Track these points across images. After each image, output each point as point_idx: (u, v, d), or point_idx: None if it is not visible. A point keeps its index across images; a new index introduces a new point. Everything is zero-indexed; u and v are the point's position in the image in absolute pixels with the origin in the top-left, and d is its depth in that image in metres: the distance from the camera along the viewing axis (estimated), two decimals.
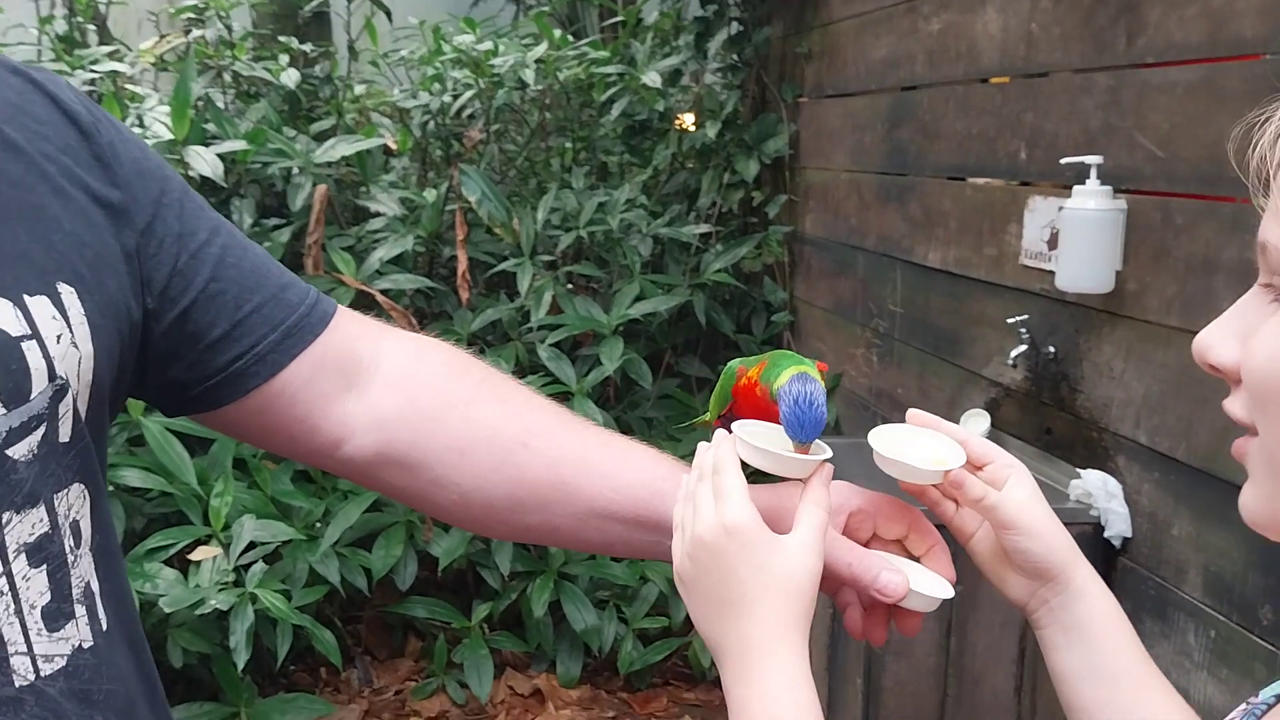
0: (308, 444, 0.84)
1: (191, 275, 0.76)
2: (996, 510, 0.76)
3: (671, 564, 0.75)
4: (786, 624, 0.68)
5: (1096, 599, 0.77)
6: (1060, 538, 0.77)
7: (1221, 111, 1.64)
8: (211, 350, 0.78)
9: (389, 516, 2.80)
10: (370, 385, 0.85)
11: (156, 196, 0.75)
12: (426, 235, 3.25)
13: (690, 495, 0.75)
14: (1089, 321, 1.98)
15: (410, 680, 2.93)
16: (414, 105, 3.59)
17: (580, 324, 2.99)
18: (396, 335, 0.89)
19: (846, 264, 3.06)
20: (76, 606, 0.67)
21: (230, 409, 0.80)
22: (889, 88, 2.81)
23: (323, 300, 0.84)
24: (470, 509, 0.85)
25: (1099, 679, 0.75)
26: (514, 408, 0.86)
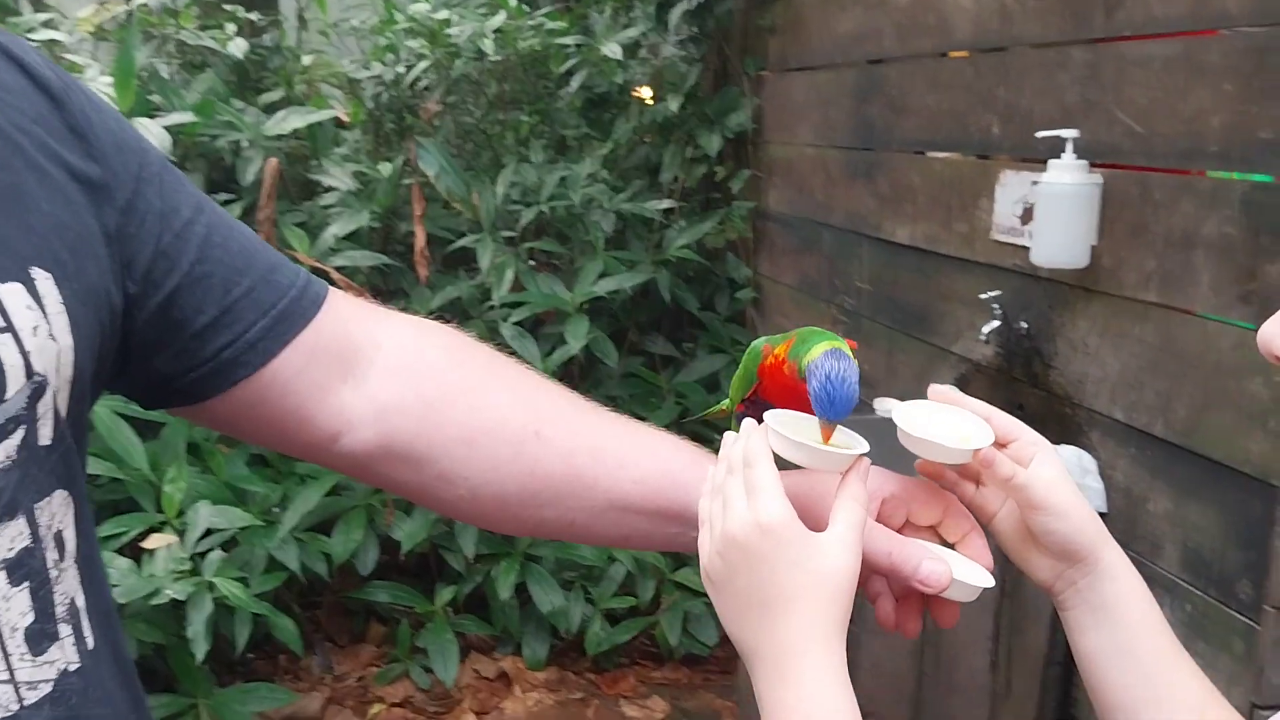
0: (302, 437, 0.78)
1: (176, 257, 0.69)
2: (1026, 490, 0.73)
3: (694, 556, 0.71)
4: (824, 626, 0.65)
5: (1125, 580, 0.75)
6: (1089, 517, 0.74)
7: (1201, 86, 1.62)
8: (198, 338, 0.71)
9: (348, 500, 2.73)
10: (369, 373, 0.79)
11: (136, 171, 0.68)
12: (382, 210, 3.16)
13: (719, 489, 0.71)
14: (1063, 297, 1.97)
15: (373, 666, 2.88)
16: (366, 76, 3.49)
17: (544, 301, 2.94)
18: (394, 318, 0.83)
19: (812, 240, 3.04)
20: (61, 626, 0.61)
21: (218, 401, 0.74)
22: (855, 61, 2.78)
23: (314, 282, 0.78)
24: (480, 504, 0.80)
25: (1127, 662, 0.73)
26: (524, 394, 0.81)
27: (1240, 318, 1.56)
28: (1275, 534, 1.48)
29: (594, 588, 2.86)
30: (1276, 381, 1.49)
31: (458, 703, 2.74)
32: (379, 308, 0.83)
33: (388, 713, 2.70)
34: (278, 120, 2.93)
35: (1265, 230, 1.51)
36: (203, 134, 2.88)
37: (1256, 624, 1.53)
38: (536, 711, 2.72)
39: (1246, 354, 1.55)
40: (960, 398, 0.77)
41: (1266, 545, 1.51)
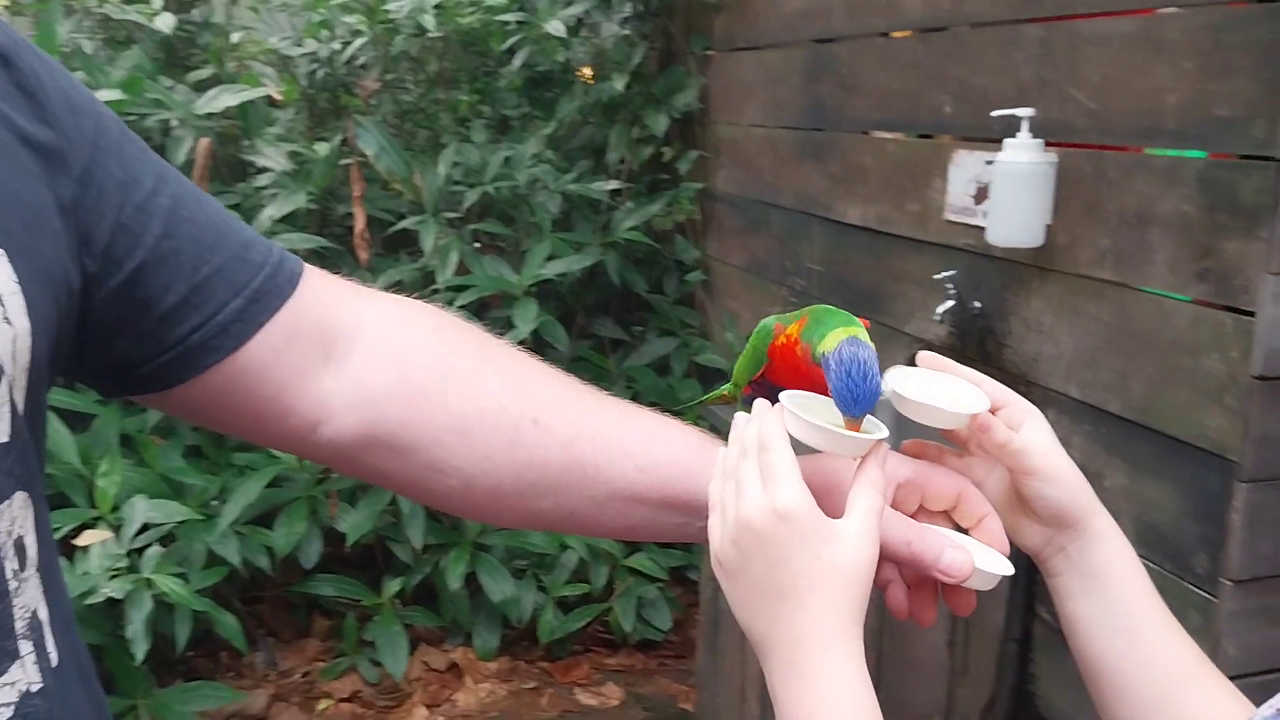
0: (279, 426, 0.72)
1: (139, 231, 0.63)
2: (1020, 455, 0.72)
3: (702, 545, 0.68)
4: (843, 618, 0.62)
5: (1115, 545, 0.74)
6: (1080, 483, 0.74)
7: (1158, 63, 1.62)
8: (165, 320, 0.65)
9: (290, 492, 2.66)
10: (350, 356, 0.73)
11: (93, 137, 0.62)
12: (319, 191, 3.07)
13: (731, 473, 0.68)
14: (1017, 276, 1.97)
15: (318, 661, 2.81)
16: (300, 53, 3.38)
17: (490, 285, 2.88)
18: (375, 297, 0.77)
19: (762, 221, 3.01)
20: (21, 643, 0.56)
21: (187, 388, 0.68)
22: (804, 40, 2.76)
23: (288, 258, 0.72)
24: (473, 495, 0.75)
25: (1116, 626, 0.73)
26: (520, 379, 0.76)
27: (1197, 295, 1.57)
28: (1232, 508, 1.50)
29: (546, 575, 2.82)
30: (1233, 358, 1.50)
31: (408, 696, 2.69)
32: (359, 286, 0.77)
33: (336, 708, 2.63)
34: (209, 99, 2.82)
35: (1221, 208, 1.51)
36: (130, 113, 2.76)
37: (1214, 597, 1.54)
38: (489, 702, 2.67)
39: (1203, 331, 1.56)
40: (952, 365, 0.76)
41: (1223, 519, 1.52)
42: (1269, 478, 1.47)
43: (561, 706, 2.69)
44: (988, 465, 0.77)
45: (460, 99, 3.65)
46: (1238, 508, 1.48)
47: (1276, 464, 1.47)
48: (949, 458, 0.78)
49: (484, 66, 3.62)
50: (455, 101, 3.64)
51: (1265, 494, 1.48)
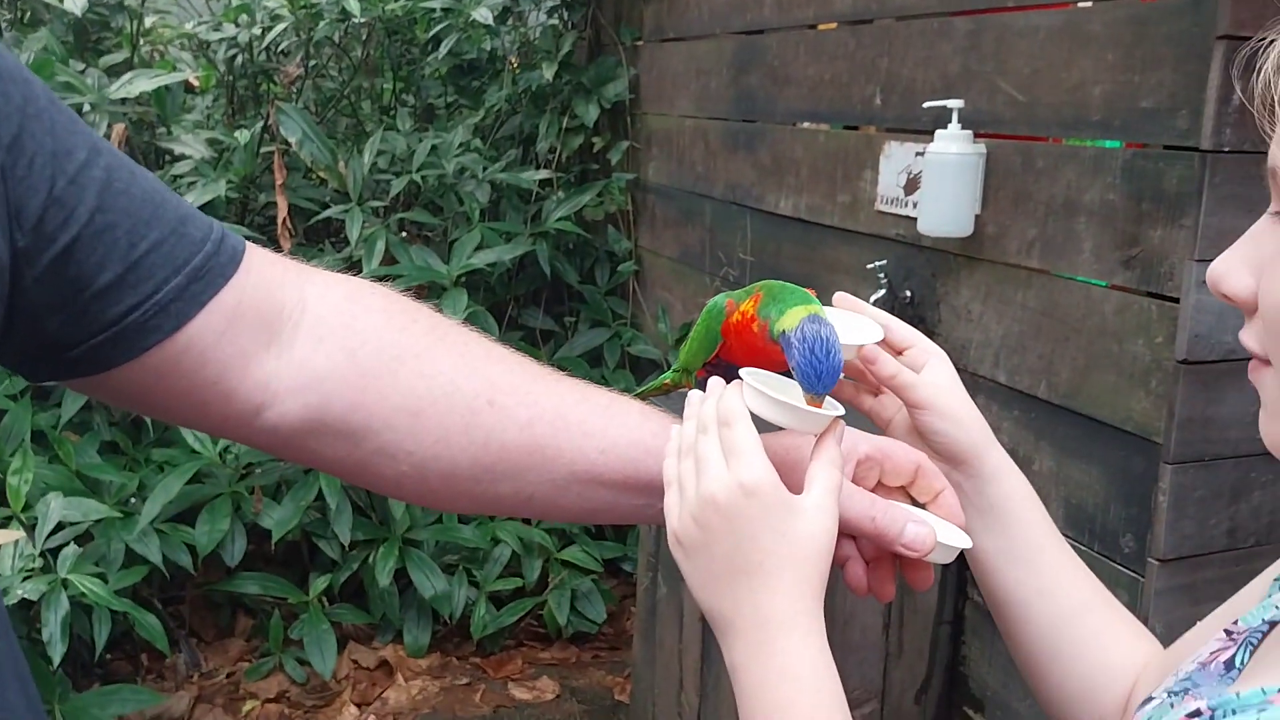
0: (221, 411, 0.69)
1: (72, 205, 0.59)
2: (911, 390, 0.76)
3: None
4: (806, 596, 0.62)
5: (1011, 481, 0.77)
6: (974, 421, 0.77)
7: (1084, 56, 1.66)
8: (100, 300, 0.61)
9: (213, 488, 2.58)
10: (295, 338, 0.70)
11: (20, 104, 0.58)
12: (239, 180, 2.99)
13: (689, 449, 0.67)
14: (946, 265, 2.00)
15: (243, 661, 2.74)
16: (218, 38, 3.29)
17: (419, 275, 2.83)
18: (321, 277, 0.74)
19: (693, 212, 3.02)
20: None
21: (123, 371, 0.64)
22: (734, 31, 2.76)
23: (230, 235, 0.68)
24: (426, 481, 0.72)
25: (1016, 559, 0.76)
26: (474, 360, 0.73)
27: (1123, 282, 1.61)
28: (1158, 489, 1.54)
29: (478, 570, 2.79)
30: (1158, 343, 1.54)
31: (337, 695, 2.64)
32: (303, 265, 0.74)
33: (262, 709, 2.57)
34: (123, 83, 2.72)
35: (1146, 197, 1.55)
36: None
37: (1140, 575, 1.59)
38: (421, 699, 2.64)
39: (1129, 317, 1.60)
40: (862, 305, 0.80)
41: (1150, 500, 1.56)
42: (1193, 459, 1.52)
43: (495, 702, 2.67)
44: (895, 405, 0.80)
45: (384, 87, 3.59)
46: (1164, 489, 1.52)
47: (1200, 446, 1.52)
48: (863, 396, 0.82)
49: (408, 54, 3.56)
50: (379, 89, 3.57)
51: (1189, 475, 1.52)
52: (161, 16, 3.46)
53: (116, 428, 2.64)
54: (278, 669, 2.67)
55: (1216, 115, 1.41)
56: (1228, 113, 1.41)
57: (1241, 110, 1.41)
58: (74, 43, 2.99)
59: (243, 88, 3.42)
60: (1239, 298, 0.58)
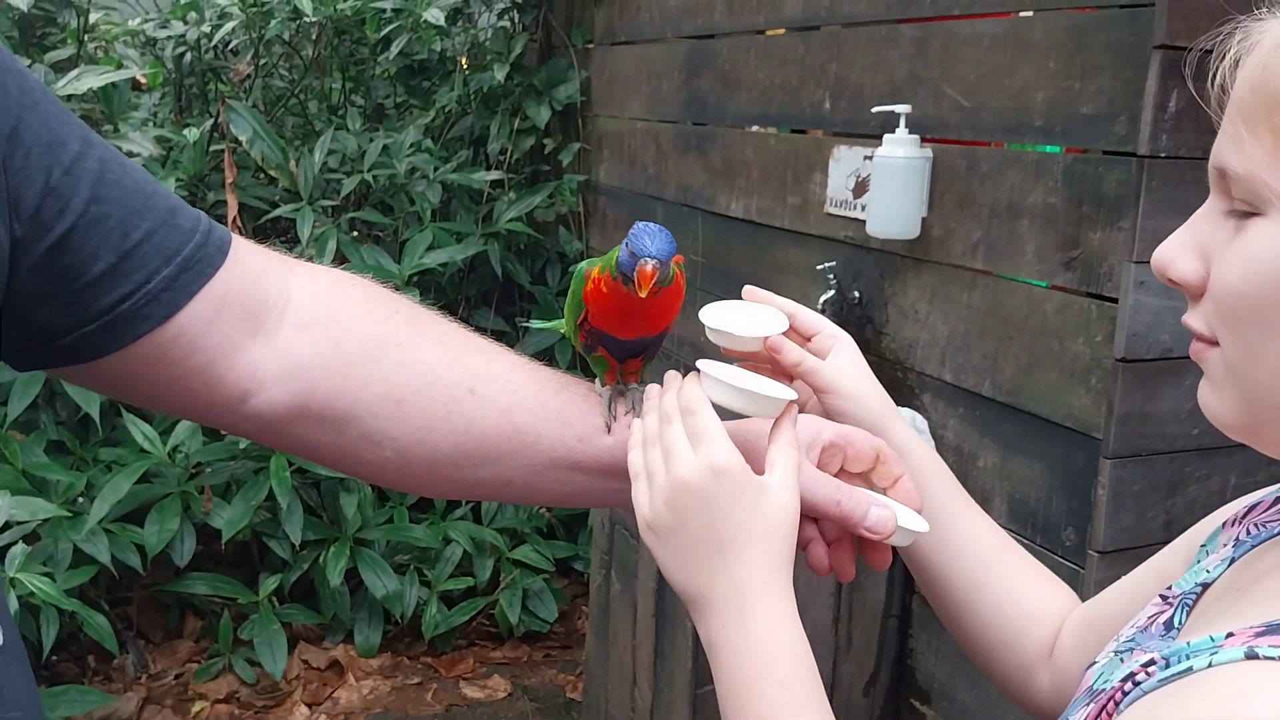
0: (206, 398, 0.70)
1: (68, 195, 0.61)
2: (814, 375, 0.80)
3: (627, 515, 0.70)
4: (776, 566, 0.66)
5: (914, 452, 0.82)
6: (877, 399, 0.82)
7: (1026, 63, 1.72)
8: (93, 289, 0.63)
9: (161, 488, 2.56)
10: (280, 327, 0.72)
11: (17, 95, 0.59)
12: (188, 178, 2.97)
13: (655, 439, 0.71)
14: (894, 266, 2.05)
15: (191, 662, 2.71)
16: (166, 35, 3.25)
17: (370, 274, 2.82)
18: (304, 268, 0.76)
19: (644, 214, 3.04)
20: None
21: (111, 360, 0.65)
22: (685, 35, 2.80)
23: (216, 227, 0.70)
24: (408, 466, 0.75)
25: (931, 523, 0.80)
26: (454, 349, 0.76)
27: (1064, 283, 1.67)
28: (1098, 484, 1.60)
29: (429, 570, 2.79)
30: (1097, 342, 1.60)
31: (288, 695, 2.62)
32: (286, 257, 0.76)
33: (211, 710, 2.55)
34: (70, 80, 2.68)
35: (1087, 200, 1.61)
36: None
37: (1081, 568, 1.64)
38: (372, 699, 2.63)
39: (1070, 317, 1.65)
40: (768, 295, 0.84)
41: (1090, 494, 1.62)
42: (1131, 454, 1.58)
43: (447, 700, 2.67)
44: (806, 390, 0.84)
45: (333, 86, 3.57)
46: (1103, 483, 1.58)
47: (1138, 441, 1.58)
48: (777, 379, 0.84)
49: (357, 54, 3.55)
50: (328, 89, 3.56)
51: (1128, 470, 1.58)
52: (107, 13, 3.41)
53: (64, 426, 2.60)
54: (227, 669, 2.65)
55: (1154, 121, 1.47)
56: (1164, 119, 1.47)
57: (1178, 116, 1.47)
58: (19, 38, 2.94)
59: (190, 86, 3.39)
60: (1187, 282, 0.61)
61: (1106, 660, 0.62)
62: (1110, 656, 0.62)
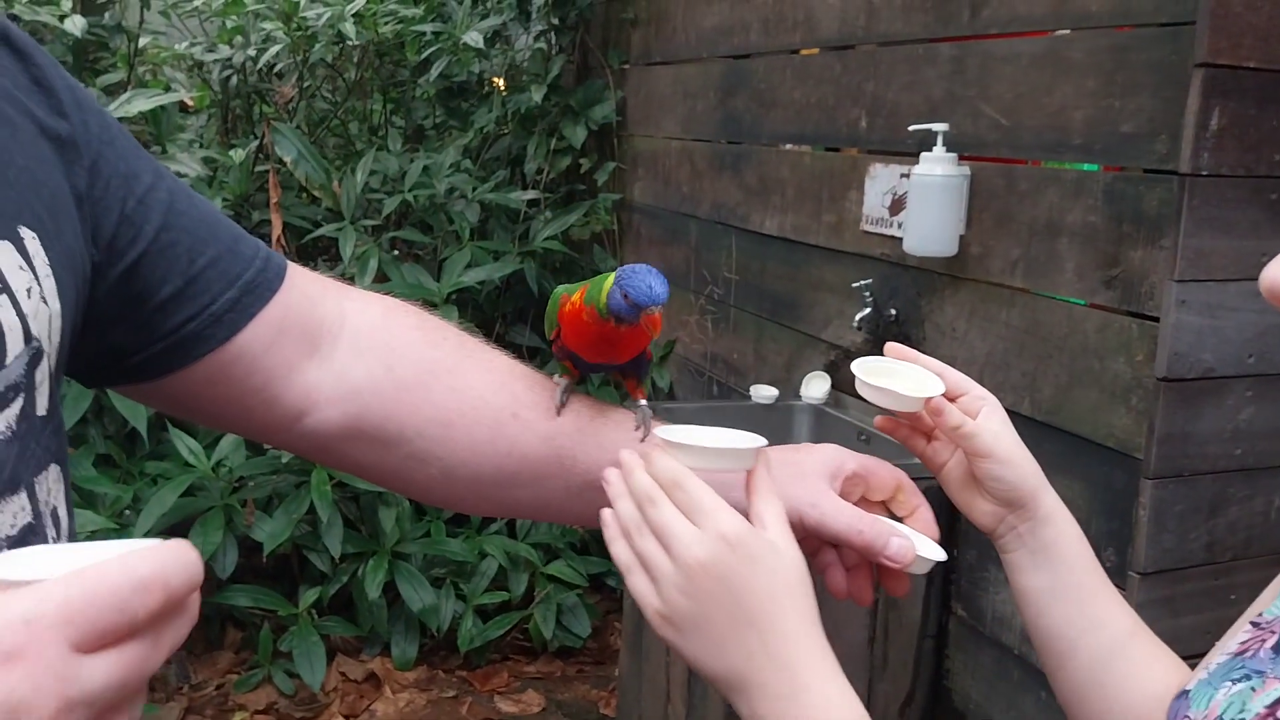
0: (264, 417, 0.74)
1: (140, 224, 0.65)
2: (974, 438, 0.78)
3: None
4: (812, 628, 0.64)
5: (1062, 523, 0.80)
6: (1030, 466, 0.80)
7: (1065, 82, 1.72)
8: (161, 311, 0.67)
9: (205, 501, 2.60)
10: (335, 350, 0.75)
11: (98, 131, 0.63)
12: (234, 198, 3.02)
13: (640, 526, 0.66)
14: (931, 284, 2.05)
15: (232, 673, 2.74)
16: (213, 59, 3.33)
17: (410, 292, 2.86)
18: (359, 295, 0.80)
19: (678, 232, 3.07)
20: None
21: (176, 378, 0.69)
22: (721, 55, 2.82)
23: (274, 254, 0.74)
24: (453, 485, 0.78)
25: (1066, 596, 0.79)
26: (499, 375, 0.79)
27: (1105, 302, 1.66)
28: (1139, 504, 1.59)
29: (465, 584, 2.81)
30: (1138, 361, 1.60)
31: (325, 707, 2.65)
32: (342, 283, 0.80)
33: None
34: (122, 103, 2.75)
35: (1128, 219, 1.61)
36: None
37: (1122, 588, 1.63)
38: (408, 712, 2.65)
39: (1110, 336, 1.65)
40: (915, 354, 0.82)
41: (1131, 514, 1.61)
42: (1173, 475, 1.57)
43: (481, 714, 2.68)
44: (949, 449, 0.82)
45: (373, 108, 3.63)
46: (1144, 504, 1.57)
47: (1179, 462, 1.57)
48: (917, 439, 0.83)
49: (398, 76, 3.61)
50: (369, 110, 3.62)
51: (1169, 490, 1.57)
52: (156, 37, 3.49)
53: (111, 440, 2.65)
54: (267, 681, 2.68)
55: (1195, 140, 1.47)
56: (1206, 137, 1.47)
57: (1219, 135, 1.47)
58: (73, 63, 3.02)
59: (236, 108, 3.46)
60: None
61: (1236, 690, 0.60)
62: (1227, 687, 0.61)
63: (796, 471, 0.78)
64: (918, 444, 0.83)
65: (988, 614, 1.94)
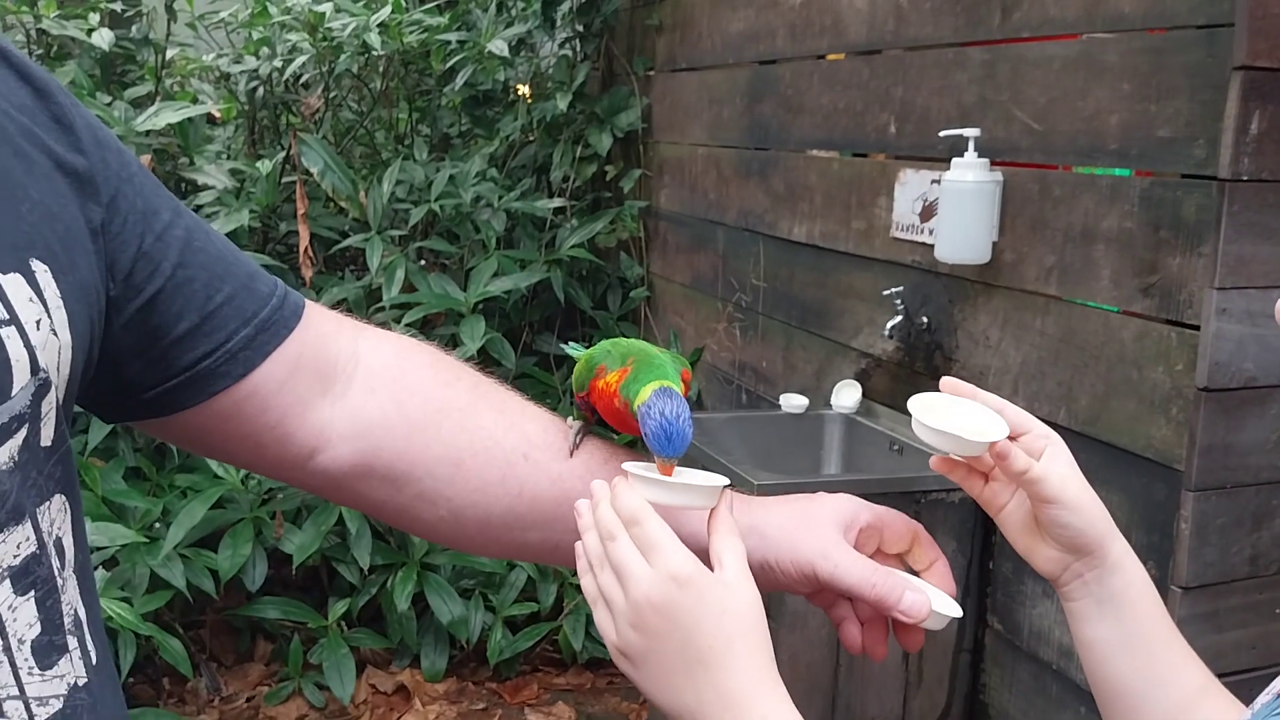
0: (277, 454, 0.73)
1: (158, 259, 0.65)
2: (1040, 484, 0.72)
3: None
4: (760, 663, 0.63)
5: (1132, 572, 0.75)
6: (1099, 512, 0.74)
7: (1099, 86, 1.69)
8: (177, 346, 0.66)
9: (234, 513, 2.61)
10: (349, 389, 0.75)
11: (117, 169, 0.63)
12: (261, 209, 3.03)
13: (601, 561, 0.67)
14: (963, 292, 2.02)
15: (262, 685, 2.75)
16: (240, 70, 3.34)
17: (437, 302, 2.86)
18: (372, 333, 0.79)
19: (705, 239, 3.05)
20: (69, 638, 0.57)
21: (190, 414, 0.69)
22: (747, 61, 2.80)
23: (291, 292, 0.74)
24: (462, 525, 0.77)
25: (1133, 649, 0.74)
26: (511, 416, 0.78)
27: (1143, 310, 1.63)
28: (1180, 517, 1.55)
29: (494, 595, 2.80)
30: (1178, 370, 1.56)
31: (355, 719, 2.64)
32: (356, 321, 0.79)
33: None
34: (149, 115, 2.77)
35: (1165, 225, 1.57)
36: None
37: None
38: None
39: (1149, 345, 1.61)
40: (972, 390, 0.77)
41: (1171, 527, 1.57)
42: (1215, 487, 1.53)
43: None
44: (1009, 491, 0.77)
45: (399, 117, 3.64)
46: (1186, 516, 1.54)
47: (1221, 473, 1.53)
48: (975, 479, 0.78)
49: (423, 85, 3.61)
50: (394, 120, 3.62)
51: (1211, 503, 1.54)
52: (183, 49, 3.52)
53: (141, 454, 2.66)
54: (297, 693, 2.68)
55: (1235, 144, 1.43)
56: (1246, 142, 1.43)
57: (1259, 139, 1.43)
58: (101, 76, 3.05)
59: (263, 119, 3.47)
60: None
61: None
62: None
63: (808, 522, 0.76)
64: (974, 485, 0.78)
65: (1025, 628, 1.90)
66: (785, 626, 1.94)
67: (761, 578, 0.74)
